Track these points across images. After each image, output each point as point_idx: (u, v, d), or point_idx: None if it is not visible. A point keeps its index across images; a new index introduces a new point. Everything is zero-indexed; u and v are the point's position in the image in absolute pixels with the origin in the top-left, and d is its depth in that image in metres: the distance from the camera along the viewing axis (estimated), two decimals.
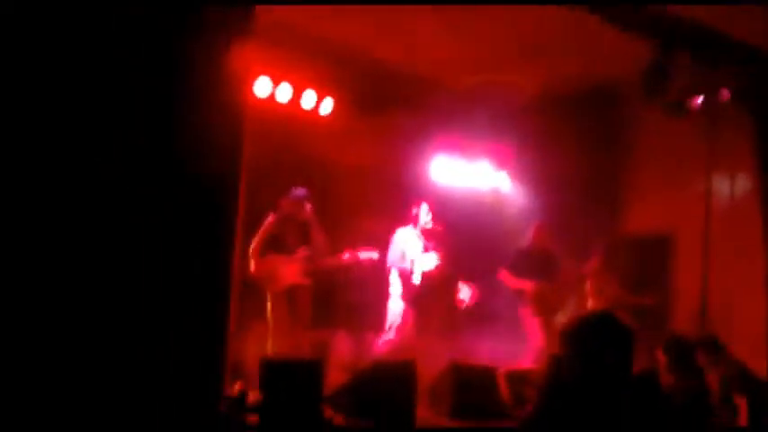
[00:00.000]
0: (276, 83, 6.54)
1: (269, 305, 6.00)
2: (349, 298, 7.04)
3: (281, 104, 6.58)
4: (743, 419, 4.53)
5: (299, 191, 6.21)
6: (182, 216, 4.09)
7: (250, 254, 5.87)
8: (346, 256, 6.16)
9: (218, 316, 4.37)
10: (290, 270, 6.06)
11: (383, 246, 6.42)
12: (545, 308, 6.61)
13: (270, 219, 6.10)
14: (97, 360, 3.74)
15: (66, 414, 3.61)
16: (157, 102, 4.01)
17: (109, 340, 3.79)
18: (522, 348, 6.66)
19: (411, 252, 6.33)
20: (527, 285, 6.63)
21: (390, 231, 6.47)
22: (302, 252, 6.12)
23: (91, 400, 3.68)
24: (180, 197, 4.07)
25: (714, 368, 4.79)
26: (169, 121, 4.04)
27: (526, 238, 6.88)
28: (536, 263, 6.74)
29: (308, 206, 6.16)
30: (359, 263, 6.21)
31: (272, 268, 6.01)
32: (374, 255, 6.22)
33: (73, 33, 3.75)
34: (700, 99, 6.47)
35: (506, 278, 6.73)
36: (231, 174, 4.40)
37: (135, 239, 3.91)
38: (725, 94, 6.33)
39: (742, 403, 4.58)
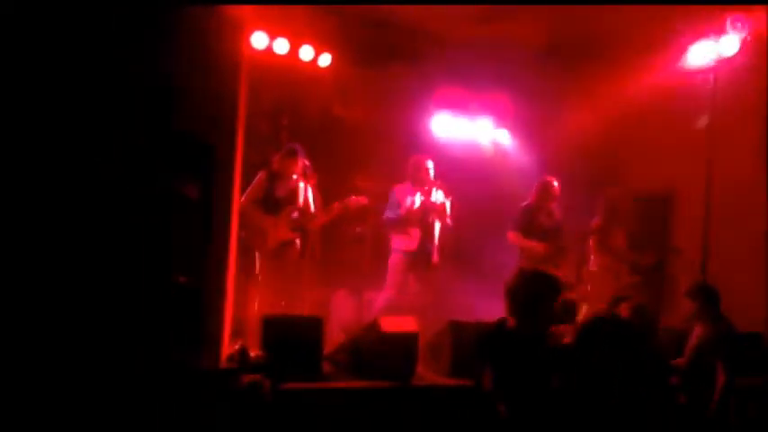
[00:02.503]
0: (273, 37, 6.41)
1: (257, 264, 5.94)
2: (349, 256, 7.03)
3: (278, 56, 6.43)
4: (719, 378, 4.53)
5: (292, 146, 6.11)
6: (180, 170, 4.08)
7: (240, 208, 5.64)
8: (335, 206, 6.08)
9: (219, 273, 4.39)
10: (279, 228, 6.00)
11: (381, 202, 6.40)
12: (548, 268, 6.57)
13: (260, 175, 6.01)
14: (98, 315, 3.78)
15: (66, 372, 3.65)
16: (153, 55, 3.97)
17: (111, 298, 3.83)
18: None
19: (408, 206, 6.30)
20: (536, 245, 6.56)
21: (388, 187, 6.44)
22: (292, 209, 6.05)
23: (89, 356, 3.72)
24: (178, 152, 4.06)
25: (705, 323, 4.78)
26: (166, 79, 4.01)
27: (529, 195, 6.79)
28: (540, 220, 6.67)
29: (302, 162, 6.06)
30: (349, 211, 6.14)
31: (262, 228, 5.94)
32: (363, 200, 6.13)
33: None
34: (705, 50, 6.38)
35: (515, 239, 6.66)
36: (229, 128, 4.38)
37: (134, 194, 3.92)
38: (730, 45, 6.23)
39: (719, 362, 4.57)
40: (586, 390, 3.03)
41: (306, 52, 6.59)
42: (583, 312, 5.49)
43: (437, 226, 6.43)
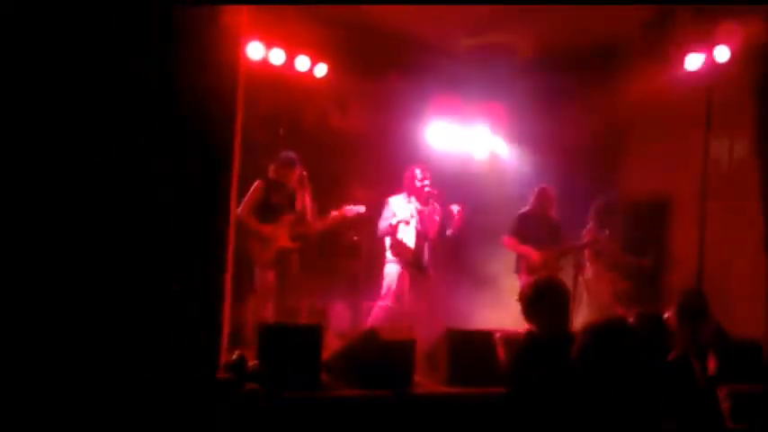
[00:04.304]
0: (268, 47, 6.43)
1: (256, 273, 5.94)
2: (345, 265, 7.03)
3: (274, 67, 6.46)
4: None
5: (288, 154, 6.12)
6: (178, 180, 4.08)
7: (238, 217, 5.63)
8: (333, 214, 6.11)
9: (216, 281, 4.38)
10: (278, 237, 6.00)
11: (376, 212, 6.40)
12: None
13: (257, 184, 6.01)
14: (94, 322, 3.77)
15: (66, 379, 3.64)
16: (153, 67, 3.98)
17: (109, 307, 3.82)
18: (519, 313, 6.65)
19: (402, 218, 6.31)
20: (531, 252, 6.57)
21: (384, 197, 6.44)
22: (289, 217, 6.05)
23: (85, 363, 3.71)
24: (177, 161, 4.06)
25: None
26: (165, 85, 4.01)
27: (528, 202, 6.81)
28: (538, 228, 6.68)
29: (299, 170, 6.08)
30: (346, 219, 6.15)
31: (262, 236, 5.94)
32: (361, 209, 6.17)
33: None
34: (699, 58, 6.41)
35: (511, 245, 6.67)
36: (227, 136, 4.38)
37: (134, 202, 3.92)
38: (724, 52, 6.26)
39: (712, 360, 4.59)
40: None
41: (301, 62, 6.63)
42: (579, 320, 5.49)
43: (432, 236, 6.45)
